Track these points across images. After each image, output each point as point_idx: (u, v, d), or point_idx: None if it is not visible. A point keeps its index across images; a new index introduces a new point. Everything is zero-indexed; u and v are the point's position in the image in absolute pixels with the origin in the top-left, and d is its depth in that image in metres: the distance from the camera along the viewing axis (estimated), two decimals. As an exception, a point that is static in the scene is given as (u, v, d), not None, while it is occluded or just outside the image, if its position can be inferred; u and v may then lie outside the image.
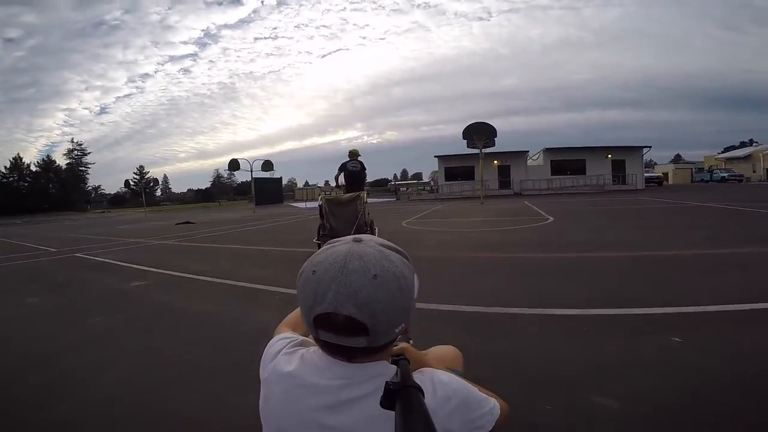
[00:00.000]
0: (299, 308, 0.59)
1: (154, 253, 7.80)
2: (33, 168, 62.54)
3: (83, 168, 70.39)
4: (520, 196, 24.43)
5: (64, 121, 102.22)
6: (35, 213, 48.17)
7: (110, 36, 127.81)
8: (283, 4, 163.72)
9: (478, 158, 28.00)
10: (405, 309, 0.55)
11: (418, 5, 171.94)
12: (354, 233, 2.66)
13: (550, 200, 18.27)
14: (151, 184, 75.49)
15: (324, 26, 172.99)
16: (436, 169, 32.21)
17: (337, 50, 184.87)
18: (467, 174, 28.55)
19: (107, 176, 69.45)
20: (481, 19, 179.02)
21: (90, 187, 73.37)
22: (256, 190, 38.80)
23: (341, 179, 6.57)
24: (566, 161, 29.03)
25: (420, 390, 0.46)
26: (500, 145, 22.00)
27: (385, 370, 0.56)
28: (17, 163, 60.30)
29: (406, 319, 0.56)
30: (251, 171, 26.08)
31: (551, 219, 9.54)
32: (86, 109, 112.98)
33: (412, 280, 0.58)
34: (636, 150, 29.00)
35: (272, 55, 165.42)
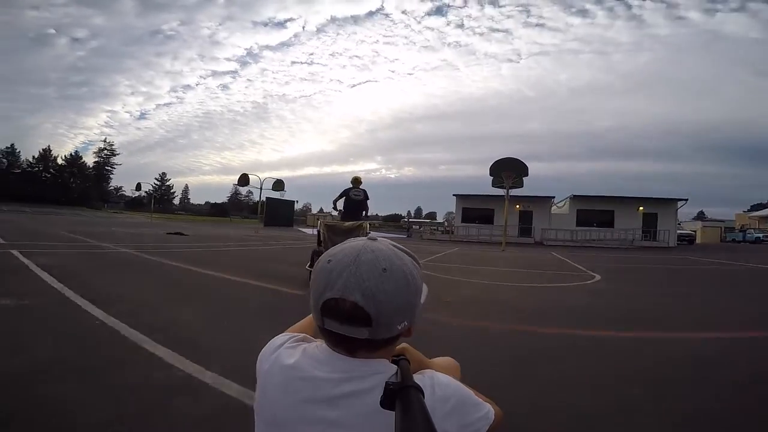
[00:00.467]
0: (311, 299, 0.60)
1: (91, 263, 6.32)
2: (59, 161, 64.15)
3: (109, 167, 71.80)
4: (542, 246, 22.31)
5: (105, 122, 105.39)
6: (51, 204, 48.37)
7: (164, 45, 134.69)
8: (322, 31, 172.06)
9: (499, 201, 26.57)
10: (410, 305, 0.56)
11: (449, 44, 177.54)
12: None
13: (580, 254, 16.14)
14: (171, 191, 77.63)
15: (357, 56, 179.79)
16: (452, 210, 30.74)
17: (367, 81, 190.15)
18: (486, 217, 26.69)
19: (133, 179, 73.04)
20: (510, 60, 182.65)
21: (112, 188, 74.78)
22: (267, 211, 37.88)
23: (340, 204, 6.32)
24: (593, 211, 26.87)
25: (420, 390, 0.47)
26: (522, 189, 20.26)
27: (385, 368, 0.57)
28: (45, 154, 61.78)
29: (411, 318, 0.57)
30: (261, 188, 24.83)
31: (598, 277, 7.57)
32: (128, 112, 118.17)
33: (421, 282, 0.60)
34: (670, 203, 26.49)
35: (306, 80, 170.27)
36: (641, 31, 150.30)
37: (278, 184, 24.34)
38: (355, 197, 6.27)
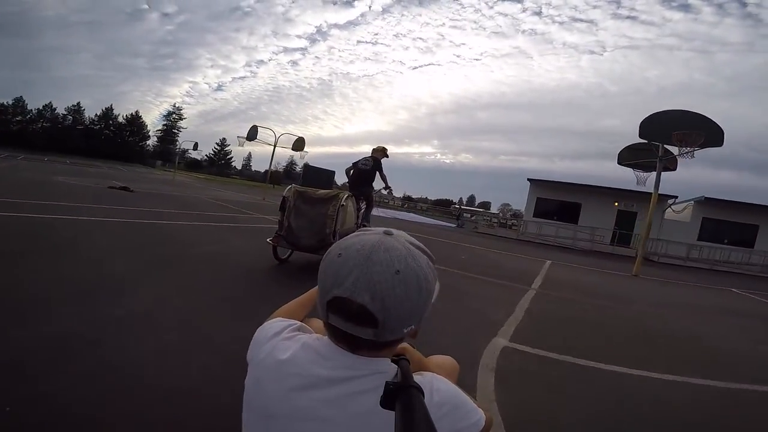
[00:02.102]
0: (315, 289, 0.62)
1: None
2: (120, 120, 65.99)
3: (176, 131, 75.22)
4: (651, 264, 15.60)
5: (186, 92, 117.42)
6: (106, 159, 49.25)
7: (241, 21, 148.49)
8: (387, 12, 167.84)
9: (591, 193, 19.85)
10: (419, 310, 0.55)
11: (524, 31, 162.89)
12: (316, 245, 3.83)
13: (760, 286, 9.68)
14: (228, 156, 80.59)
15: (420, 39, 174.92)
16: (508, 202, 24.63)
17: (429, 64, 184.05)
18: (569, 213, 20.19)
19: (205, 145, 77.82)
20: (592, 52, 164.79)
21: (178, 149, 76.52)
22: (306, 178, 34.01)
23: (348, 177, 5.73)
24: (726, 223, 19.24)
25: (420, 390, 0.46)
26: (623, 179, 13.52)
27: (386, 368, 0.57)
28: (107, 112, 63.56)
29: (418, 322, 0.57)
30: (275, 145, 20.03)
31: None
32: (207, 84, 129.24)
33: (434, 285, 0.58)
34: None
35: (369, 59, 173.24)
36: (756, 30, 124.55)
37: (299, 143, 19.33)
38: (362, 167, 5.62)
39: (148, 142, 70.27)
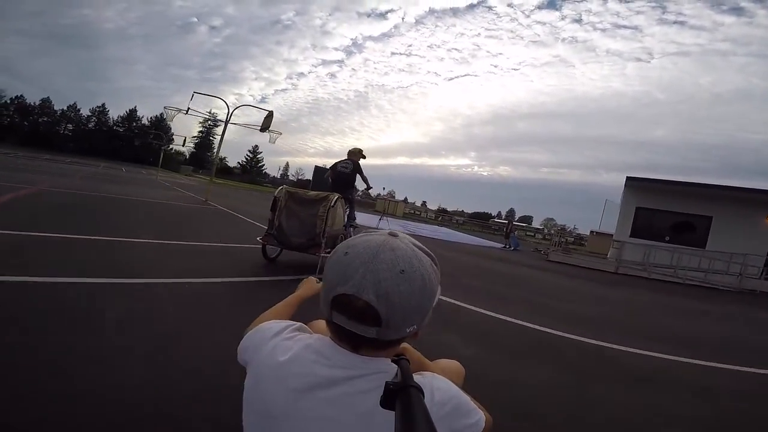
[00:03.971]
0: (320, 286, 0.60)
1: None
2: (145, 122, 65.07)
3: (212, 138, 75.73)
4: None
5: (232, 104, 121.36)
6: (131, 162, 47.32)
7: (282, 34, 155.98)
8: (420, 23, 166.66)
9: (721, 201, 12.86)
10: (422, 310, 0.56)
11: (564, 39, 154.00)
12: (306, 243, 4.08)
13: None
14: (260, 164, 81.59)
15: (455, 49, 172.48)
16: (551, 217, 18.71)
17: (465, 75, 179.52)
18: (688, 231, 13.22)
19: (241, 154, 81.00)
20: (638, 60, 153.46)
21: (214, 156, 77.84)
22: (315, 183, 28.81)
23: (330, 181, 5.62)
24: None
25: (420, 390, 0.45)
26: None
27: (387, 368, 0.56)
28: (131, 115, 62.76)
29: (420, 322, 0.57)
30: (227, 120, 13.67)
31: None
32: (251, 95, 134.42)
33: (436, 286, 0.58)
34: None
35: (403, 71, 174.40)
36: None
37: (266, 121, 12.57)
38: (342, 170, 5.54)
39: (172, 146, 69.93)
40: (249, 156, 76.83)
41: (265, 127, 13.00)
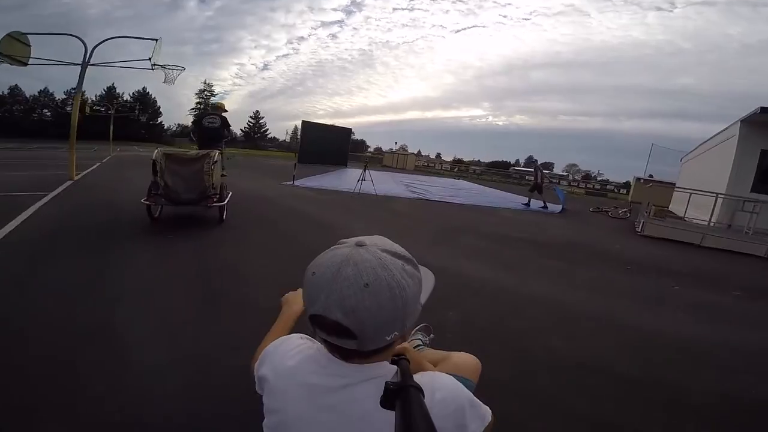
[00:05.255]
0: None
1: None
2: (126, 97, 58.40)
3: (209, 108, 69.63)
4: None
5: (236, 74, 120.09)
6: (116, 140, 42.58)
7: (275, 1, 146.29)
8: None
9: None
10: (396, 319, 0.56)
11: None
12: (197, 198, 4.50)
13: None
14: (263, 129, 77.30)
15: (461, 1, 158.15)
16: (575, 163, 15.85)
17: (473, 26, 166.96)
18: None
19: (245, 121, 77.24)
20: (659, 9, 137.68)
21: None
22: (304, 142, 24.38)
23: (194, 136, 6.06)
24: None
25: (420, 390, 0.47)
26: None
27: (383, 371, 0.59)
28: (110, 92, 55.48)
29: (402, 328, 0.58)
30: (84, 65, 7.88)
31: None
32: (253, 64, 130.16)
33: (413, 290, 0.58)
34: None
35: (407, 26, 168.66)
36: None
37: (156, 50, 7.77)
38: (209, 125, 5.89)
39: (160, 119, 64.37)
40: (251, 122, 73.55)
41: (155, 62, 8.34)
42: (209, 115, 6.00)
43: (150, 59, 7.98)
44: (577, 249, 6.02)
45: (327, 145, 24.99)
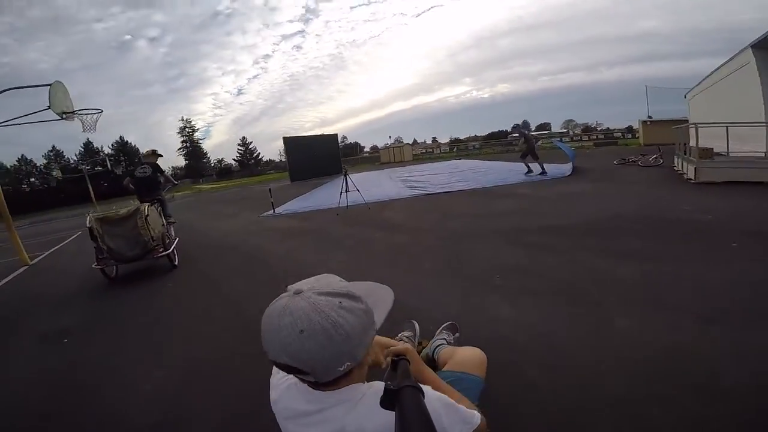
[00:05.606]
0: None
1: None
2: (107, 150, 55.75)
3: (198, 144, 70.16)
4: None
5: (213, 104, 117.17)
6: (108, 198, 40.63)
7: (228, 24, 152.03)
8: None
9: None
10: (342, 353, 0.63)
11: None
12: (142, 253, 4.53)
13: None
14: (255, 154, 75.60)
15: None
16: (571, 118, 17.41)
17: (431, 8, 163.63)
18: None
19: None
20: None
21: (214, 161, 75.12)
22: (292, 160, 23.02)
23: (132, 188, 5.92)
24: None
25: (419, 390, 0.52)
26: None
27: (353, 393, 0.69)
28: (87, 147, 53.19)
29: (353, 358, 0.65)
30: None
31: None
32: (227, 92, 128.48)
33: (355, 323, 0.64)
34: None
35: (369, 21, 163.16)
36: None
37: (57, 96, 6.19)
38: (141, 175, 5.82)
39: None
40: (240, 150, 71.53)
41: (60, 110, 6.76)
42: (141, 165, 5.97)
43: (50, 108, 6.38)
44: (638, 225, 4.42)
45: (316, 156, 23.66)
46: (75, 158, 52.29)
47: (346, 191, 8.38)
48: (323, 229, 6.73)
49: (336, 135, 29.62)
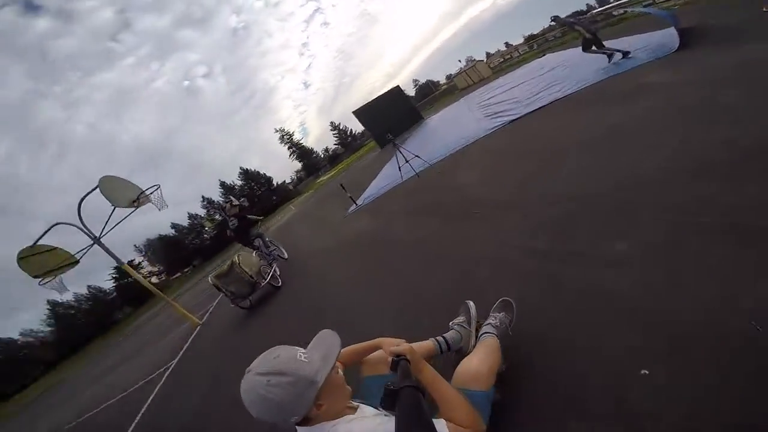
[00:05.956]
0: None
1: None
2: (237, 182, 62.85)
3: (300, 145, 74.34)
4: None
5: (293, 105, 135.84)
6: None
7: (250, 36, 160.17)
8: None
9: None
10: (282, 412, 0.93)
11: None
12: (251, 289, 6.06)
13: None
14: (352, 132, 77.44)
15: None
16: None
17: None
18: None
19: (349, 120, 75.79)
20: None
21: (321, 152, 79.23)
22: (372, 132, 22.77)
23: (233, 236, 7.22)
24: None
25: (419, 389, 0.56)
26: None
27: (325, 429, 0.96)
28: (224, 185, 60.72)
29: (296, 414, 0.94)
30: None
31: None
32: (296, 90, 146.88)
33: (283, 394, 0.92)
34: None
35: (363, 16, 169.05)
36: None
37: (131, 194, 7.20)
38: (233, 227, 7.01)
39: (275, 181, 69.91)
40: (335, 135, 74.15)
41: (120, 200, 6.94)
42: (229, 219, 7.00)
43: (113, 205, 6.66)
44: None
45: (390, 115, 22.66)
46: (220, 199, 60.54)
47: (406, 162, 7.37)
48: (383, 232, 5.49)
49: (398, 86, 27.62)
